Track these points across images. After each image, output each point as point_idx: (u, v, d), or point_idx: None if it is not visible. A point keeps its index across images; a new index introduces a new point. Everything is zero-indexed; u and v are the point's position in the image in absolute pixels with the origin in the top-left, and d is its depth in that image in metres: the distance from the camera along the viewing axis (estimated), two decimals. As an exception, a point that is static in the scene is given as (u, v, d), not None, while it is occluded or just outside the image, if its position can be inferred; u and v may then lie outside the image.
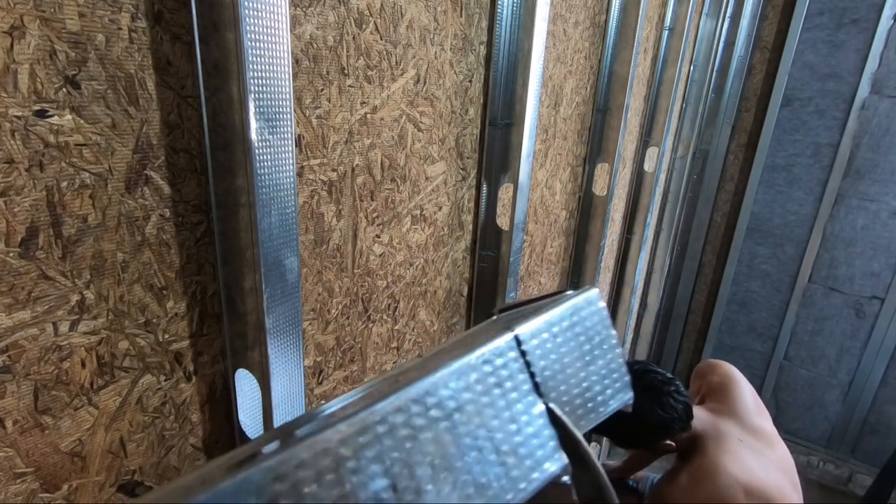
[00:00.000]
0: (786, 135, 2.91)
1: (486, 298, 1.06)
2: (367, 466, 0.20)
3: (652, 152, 1.89)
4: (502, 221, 1.02)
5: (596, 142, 1.45)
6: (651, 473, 1.75)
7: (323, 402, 0.66)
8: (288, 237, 0.54)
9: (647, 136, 1.87)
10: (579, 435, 0.26)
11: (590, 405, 0.28)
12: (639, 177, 1.91)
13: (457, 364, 0.24)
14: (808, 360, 3.14)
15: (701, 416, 1.21)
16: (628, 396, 0.32)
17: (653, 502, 1.17)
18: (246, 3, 0.44)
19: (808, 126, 2.85)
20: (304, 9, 0.56)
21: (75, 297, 0.44)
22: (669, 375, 1.20)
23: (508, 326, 0.28)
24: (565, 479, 0.26)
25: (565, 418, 0.26)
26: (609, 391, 0.30)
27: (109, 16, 0.42)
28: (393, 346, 0.86)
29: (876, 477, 2.51)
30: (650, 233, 2.16)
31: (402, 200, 0.79)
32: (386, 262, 0.79)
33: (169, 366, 0.53)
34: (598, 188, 1.51)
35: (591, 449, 0.23)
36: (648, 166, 1.90)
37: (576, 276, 1.61)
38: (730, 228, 3.18)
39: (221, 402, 0.60)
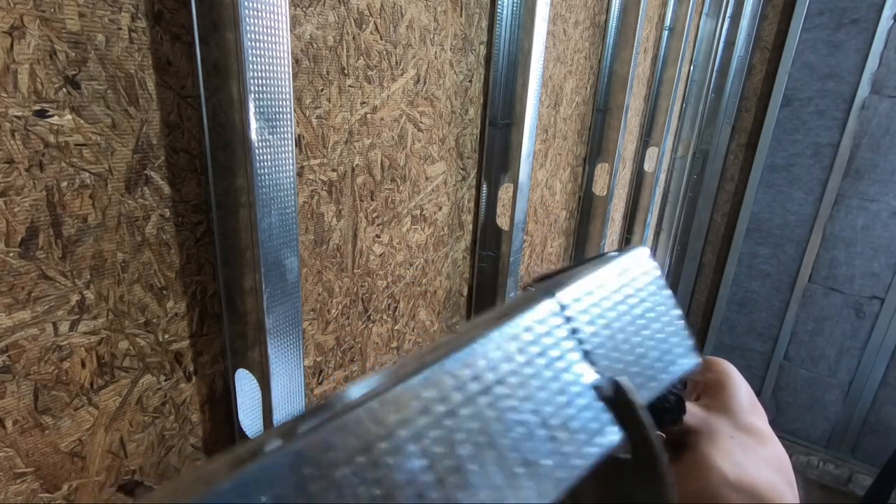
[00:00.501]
0: (786, 135, 2.91)
1: (486, 298, 1.06)
2: (403, 446, 0.19)
3: (652, 152, 1.89)
4: (502, 221, 1.02)
5: (596, 142, 1.45)
6: None
7: (342, 387, 0.64)
8: (288, 237, 0.54)
9: (647, 136, 1.87)
10: (633, 394, 0.23)
11: (649, 373, 0.26)
12: (639, 177, 1.91)
13: (494, 333, 0.22)
14: (808, 360, 3.14)
15: (694, 412, 1.20)
16: (694, 362, 0.29)
17: None
18: (246, 3, 0.44)
19: (808, 126, 2.85)
20: (304, 9, 0.56)
21: (75, 297, 0.44)
22: None
23: (549, 292, 0.25)
24: (624, 455, 0.24)
25: (626, 382, 0.23)
26: (668, 357, 0.27)
27: (109, 16, 0.42)
28: (393, 346, 0.86)
29: (876, 477, 2.51)
30: (650, 233, 2.16)
31: (402, 200, 0.79)
32: (386, 262, 0.79)
33: (169, 366, 0.53)
34: (598, 188, 1.51)
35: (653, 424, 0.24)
36: (648, 166, 1.90)
37: (576, 276, 1.60)
38: (730, 228, 3.18)
39: (221, 402, 0.60)
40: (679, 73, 1.82)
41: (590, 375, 0.24)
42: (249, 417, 0.60)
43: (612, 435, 0.23)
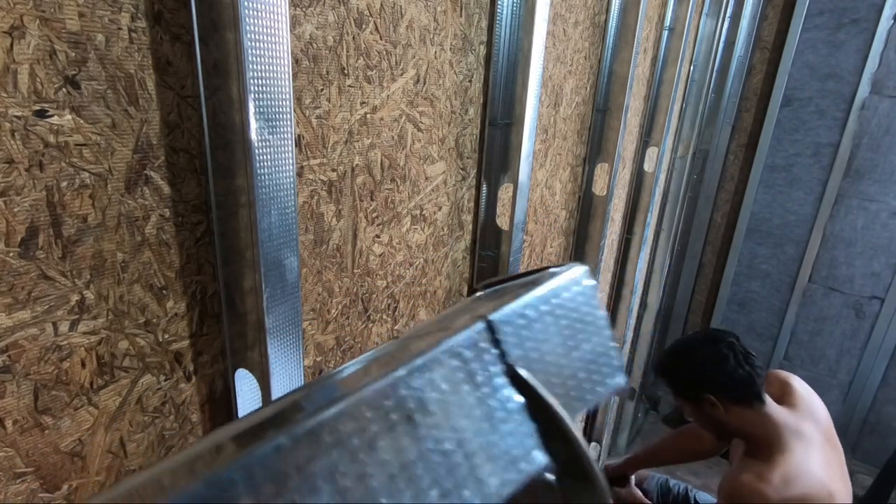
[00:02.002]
0: (786, 135, 2.91)
1: (486, 298, 1.06)
2: (313, 482, 0.19)
3: (652, 152, 1.89)
4: (502, 221, 1.02)
5: (596, 142, 1.45)
6: (657, 474, 1.74)
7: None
8: (288, 237, 0.54)
9: (647, 136, 1.87)
10: (560, 412, 0.24)
11: (573, 393, 0.26)
12: (639, 177, 1.91)
13: (420, 360, 0.22)
14: (808, 360, 3.14)
15: (783, 414, 1.21)
16: (618, 381, 0.29)
17: (737, 495, 1.12)
18: (246, 3, 0.44)
19: (808, 126, 2.85)
20: (304, 9, 0.56)
21: (75, 297, 0.44)
22: (752, 352, 1.22)
23: (480, 313, 0.25)
24: (549, 477, 0.24)
25: (541, 389, 0.24)
26: (595, 376, 0.28)
27: (109, 16, 0.42)
28: (393, 346, 0.86)
29: (876, 477, 2.51)
30: (650, 233, 2.16)
31: (401, 200, 0.79)
32: (386, 262, 0.79)
33: (169, 366, 0.53)
34: (598, 188, 1.51)
35: (577, 430, 0.25)
36: (648, 166, 1.90)
37: (576, 276, 1.60)
38: (730, 228, 3.18)
39: (221, 402, 0.60)
40: (679, 73, 1.82)
41: (516, 400, 0.24)
42: (249, 417, 0.60)
43: (537, 459, 0.23)
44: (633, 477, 1.65)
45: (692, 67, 2.21)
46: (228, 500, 0.18)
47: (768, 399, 1.23)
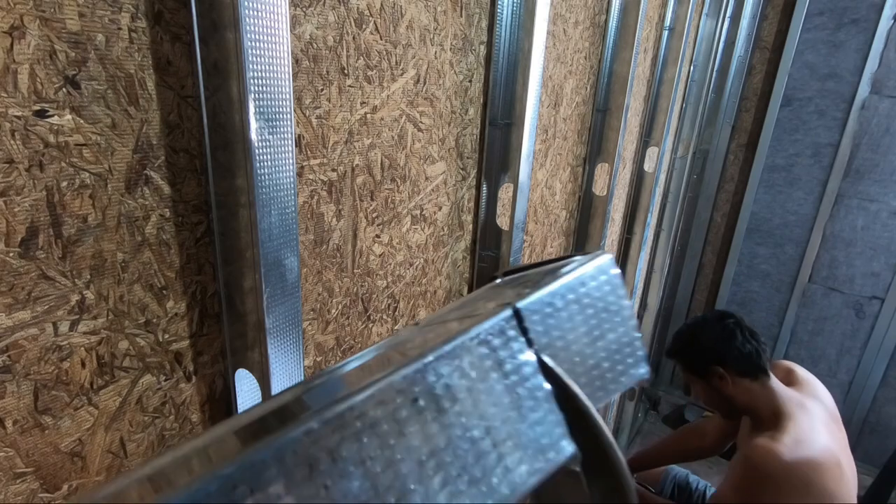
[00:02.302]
0: (786, 135, 2.91)
1: (486, 298, 1.06)
2: (344, 466, 0.19)
3: (652, 152, 1.89)
4: (502, 221, 1.02)
5: (596, 142, 1.45)
6: (677, 468, 1.73)
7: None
8: (288, 237, 0.54)
9: (647, 136, 1.87)
10: (586, 401, 0.24)
11: (597, 383, 0.27)
12: (639, 177, 1.91)
13: (448, 347, 0.22)
14: (808, 360, 3.13)
15: (788, 391, 1.27)
16: (642, 372, 0.30)
17: (751, 457, 1.15)
18: (246, 3, 0.44)
19: (808, 126, 2.85)
20: (304, 9, 0.56)
21: (75, 297, 0.44)
22: (757, 330, 1.30)
23: (508, 300, 0.25)
24: (575, 468, 0.24)
25: (566, 378, 0.24)
26: (620, 367, 0.28)
27: (109, 16, 0.42)
28: (393, 346, 0.86)
29: (876, 477, 2.51)
30: (650, 233, 2.16)
31: (402, 200, 0.79)
32: (386, 262, 0.79)
33: (169, 366, 0.53)
34: (598, 188, 1.51)
35: (603, 422, 0.26)
36: (648, 166, 1.90)
37: (576, 276, 1.60)
38: (730, 228, 3.18)
39: (221, 402, 0.60)
40: (679, 73, 1.82)
41: (544, 388, 0.24)
42: (249, 417, 0.60)
43: (566, 449, 0.23)
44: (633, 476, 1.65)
45: (692, 67, 2.21)
46: (262, 482, 0.18)
47: (773, 376, 1.28)
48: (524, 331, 0.24)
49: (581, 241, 1.57)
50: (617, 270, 0.29)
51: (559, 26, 1.12)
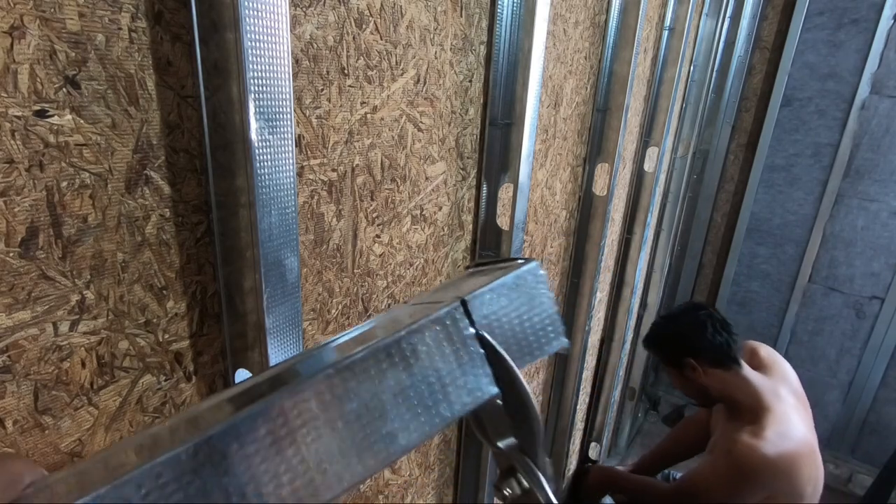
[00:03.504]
0: (786, 135, 2.91)
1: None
2: (346, 396, 0.30)
3: (652, 152, 1.89)
4: (502, 221, 1.02)
5: (596, 142, 1.45)
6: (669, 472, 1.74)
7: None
8: (288, 237, 0.54)
9: (647, 136, 1.87)
10: (509, 360, 0.36)
11: (525, 349, 0.38)
12: (639, 177, 1.91)
13: (415, 326, 0.34)
14: (808, 360, 3.14)
15: (759, 377, 1.31)
16: (562, 342, 0.41)
17: (735, 453, 1.18)
18: (246, 3, 0.44)
19: (808, 126, 2.85)
20: (304, 9, 0.56)
21: (75, 297, 0.44)
22: (729, 321, 1.35)
23: (459, 294, 0.37)
24: (498, 401, 0.36)
25: (497, 346, 0.36)
26: (543, 340, 0.40)
27: (109, 16, 0.42)
28: (393, 346, 0.86)
29: (876, 477, 2.51)
30: (650, 233, 2.16)
31: (402, 200, 0.79)
32: (386, 262, 0.79)
33: (169, 366, 0.53)
34: (598, 188, 1.51)
35: (520, 375, 0.37)
36: (648, 166, 1.90)
37: (576, 276, 1.61)
38: (730, 228, 3.18)
39: (221, 402, 0.60)
40: (679, 73, 1.82)
41: (478, 352, 0.36)
42: (249, 417, 0.60)
43: (490, 389, 0.35)
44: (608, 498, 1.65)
45: (692, 67, 2.21)
46: (300, 411, 0.29)
47: (744, 364, 1.33)
48: (468, 314, 0.36)
49: (581, 240, 1.57)
50: (543, 272, 0.41)
51: (559, 26, 1.12)
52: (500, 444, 0.38)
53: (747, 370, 1.31)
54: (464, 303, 0.36)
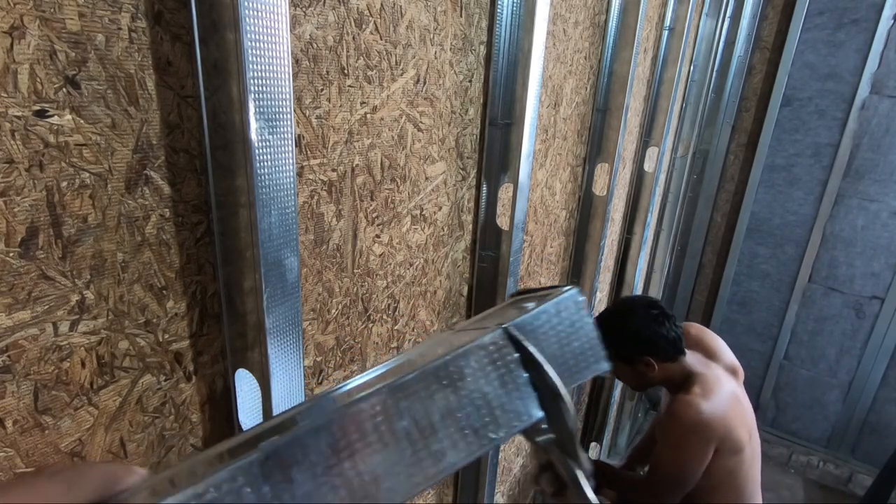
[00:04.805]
0: (786, 135, 2.91)
1: (486, 298, 1.06)
2: (400, 414, 0.32)
3: (652, 152, 1.89)
4: (502, 221, 1.02)
5: (596, 142, 1.45)
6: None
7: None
8: (288, 237, 0.54)
9: (647, 136, 1.87)
10: (557, 383, 0.37)
11: (566, 372, 0.40)
12: (639, 177, 1.91)
13: (461, 351, 0.35)
14: (808, 360, 3.14)
15: (694, 359, 1.42)
16: (601, 366, 0.42)
17: (673, 414, 1.31)
18: (246, 4, 0.44)
19: (808, 126, 2.85)
20: (304, 9, 0.56)
21: (75, 297, 0.44)
22: (673, 314, 1.42)
23: (502, 321, 0.39)
24: (543, 426, 0.37)
25: (545, 366, 0.37)
26: (584, 363, 0.41)
27: (109, 16, 0.42)
28: (393, 346, 0.86)
29: (876, 477, 2.51)
30: (650, 233, 2.16)
31: (401, 200, 0.79)
32: (386, 262, 0.79)
33: (169, 366, 0.53)
34: (598, 188, 1.51)
35: (567, 396, 0.38)
36: (648, 166, 1.90)
37: (576, 276, 1.61)
38: (730, 228, 3.18)
39: (221, 403, 0.60)
40: (679, 73, 1.82)
41: (523, 376, 0.37)
42: (249, 417, 0.60)
43: (536, 413, 0.36)
44: None
45: (692, 67, 2.21)
46: (357, 427, 0.31)
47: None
48: (512, 340, 0.37)
49: (581, 240, 1.57)
50: (582, 298, 0.43)
51: (559, 26, 1.12)
52: (538, 440, 0.39)
53: (689, 358, 1.41)
54: (507, 329, 0.37)
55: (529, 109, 0.93)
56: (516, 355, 0.37)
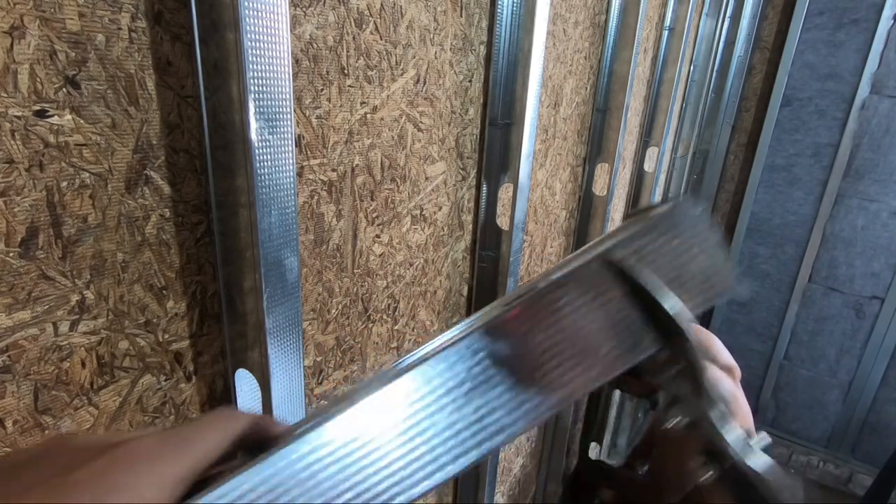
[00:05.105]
0: (786, 135, 2.91)
1: (487, 298, 1.06)
2: (487, 370, 0.30)
3: (652, 152, 1.89)
4: (502, 221, 1.02)
5: (596, 142, 1.45)
6: None
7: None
8: (288, 237, 0.54)
9: (647, 136, 1.87)
10: (673, 308, 0.32)
11: (686, 294, 0.34)
12: (639, 177, 1.91)
13: (555, 278, 0.32)
14: (808, 360, 3.14)
15: None
16: (731, 288, 0.37)
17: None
18: (246, 4, 0.44)
19: (808, 126, 2.85)
20: (304, 9, 0.56)
21: (75, 297, 0.44)
22: None
23: (602, 250, 0.34)
24: (661, 354, 0.34)
25: (657, 293, 0.32)
26: (706, 285, 0.36)
27: (109, 16, 0.42)
28: (393, 346, 0.86)
29: (876, 477, 2.51)
30: (650, 233, 2.16)
31: (402, 200, 0.79)
32: (386, 262, 0.79)
33: (169, 366, 0.53)
34: (598, 188, 1.51)
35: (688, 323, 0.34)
36: (648, 166, 1.90)
37: (576, 276, 1.60)
38: (730, 228, 3.18)
39: (221, 402, 0.60)
40: (679, 73, 1.82)
41: (632, 304, 0.33)
42: (249, 417, 0.60)
43: (653, 341, 0.33)
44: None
45: (692, 67, 2.21)
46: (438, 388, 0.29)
47: None
48: (614, 265, 0.33)
49: (581, 241, 1.57)
50: (701, 208, 0.36)
51: (559, 26, 1.12)
52: (657, 378, 0.36)
53: None
54: (607, 253, 0.33)
55: (529, 109, 0.93)
56: (620, 280, 0.33)
